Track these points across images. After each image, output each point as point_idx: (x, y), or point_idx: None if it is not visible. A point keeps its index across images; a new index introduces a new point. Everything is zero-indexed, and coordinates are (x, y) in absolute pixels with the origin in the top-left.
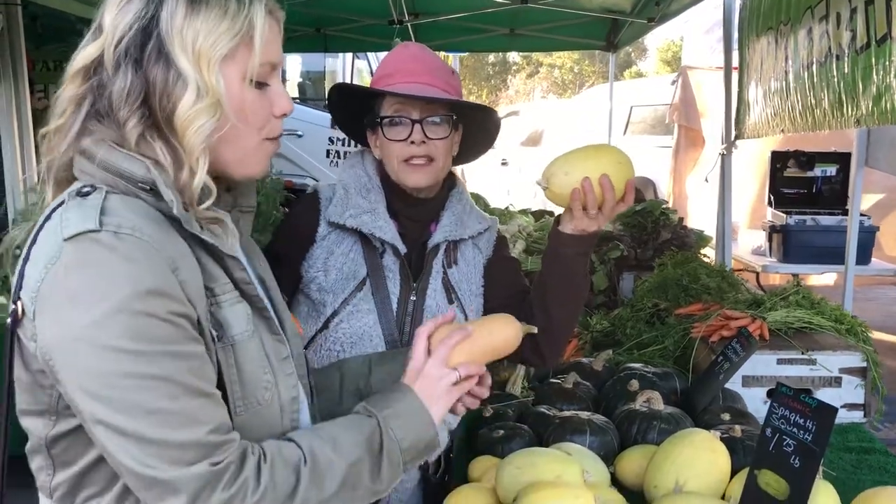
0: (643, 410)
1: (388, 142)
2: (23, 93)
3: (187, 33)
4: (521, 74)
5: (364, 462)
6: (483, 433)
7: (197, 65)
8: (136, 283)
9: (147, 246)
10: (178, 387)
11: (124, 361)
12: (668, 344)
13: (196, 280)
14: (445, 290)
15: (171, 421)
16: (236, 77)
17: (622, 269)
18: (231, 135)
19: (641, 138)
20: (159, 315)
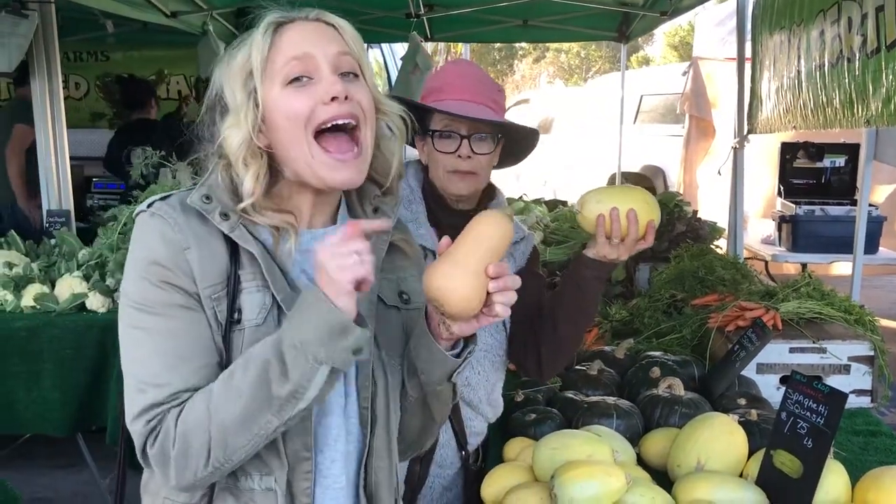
0: (665, 396)
1: (437, 153)
2: (57, 90)
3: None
4: (528, 59)
5: (270, 374)
6: (516, 416)
7: (232, 92)
8: (148, 252)
9: (166, 226)
10: (157, 342)
11: (128, 313)
12: (685, 333)
13: (213, 263)
14: None
15: (143, 371)
16: (272, 88)
17: (638, 261)
18: (284, 142)
19: (651, 127)
20: (154, 281)
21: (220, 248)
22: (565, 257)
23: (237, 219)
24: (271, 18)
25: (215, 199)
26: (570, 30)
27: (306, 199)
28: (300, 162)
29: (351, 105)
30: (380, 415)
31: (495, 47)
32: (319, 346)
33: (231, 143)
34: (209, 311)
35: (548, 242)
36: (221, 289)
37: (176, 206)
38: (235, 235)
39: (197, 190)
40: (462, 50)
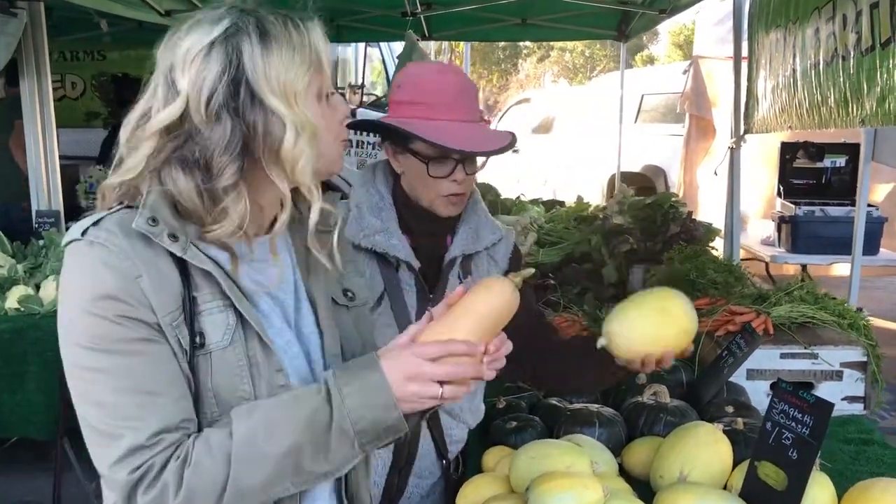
0: (650, 403)
1: (429, 178)
2: (46, 89)
3: (270, 73)
4: (532, 58)
5: (305, 446)
6: (496, 424)
7: (287, 102)
8: (94, 287)
9: (111, 255)
10: (122, 382)
11: (76, 354)
12: None
13: (166, 288)
14: None
15: (112, 414)
16: (315, 99)
17: (632, 263)
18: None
19: (653, 126)
20: (109, 317)
21: (170, 271)
22: (559, 258)
23: (186, 239)
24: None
25: (161, 221)
26: (570, 28)
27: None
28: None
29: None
30: None
31: (499, 46)
32: (371, 440)
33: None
34: (172, 339)
35: (541, 243)
36: (179, 314)
37: (115, 231)
38: (189, 256)
39: (140, 213)
40: (464, 48)
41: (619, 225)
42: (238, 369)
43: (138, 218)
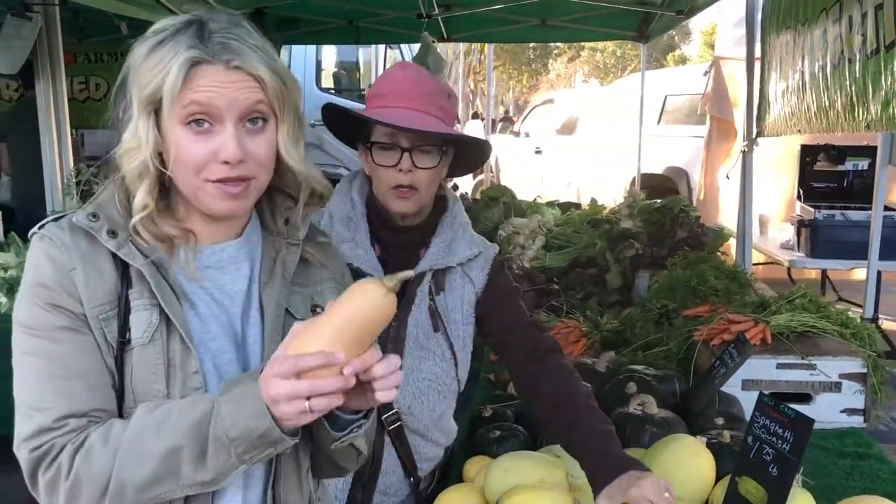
0: (636, 414)
1: (377, 166)
2: (60, 91)
3: (135, 79)
4: (563, 58)
5: (185, 449)
6: (480, 433)
7: (136, 107)
8: (35, 275)
9: (53, 247)
10: (42, 365)
11: (17, 337)
12: (672, 346)
13: (99, 283)
14: (431, 317)
15: (30, 395)
16: (172, 122)
17: (637, 268)
18: (176, 174)
19: (675, 128)
20: (41, 304)
21: (108, 267)
22: (565, 263)
23: (126, 236)
24: (190, 55)
25: (102, 217)
26: (589, 29)
27: (205, 215)
28: (188, 191)
29: (245, 167)
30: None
31: (529, 46)
32: (248, 450)
33: (130, 165)
34: (97, 332)
35: (549, 247)
36: (110, 309)
37: (65, 226)
38: (123, 253)
39: (84, 208)
40: (487, 49)
41: (626, 229)
42: (154, 367)
43: (80, 212)
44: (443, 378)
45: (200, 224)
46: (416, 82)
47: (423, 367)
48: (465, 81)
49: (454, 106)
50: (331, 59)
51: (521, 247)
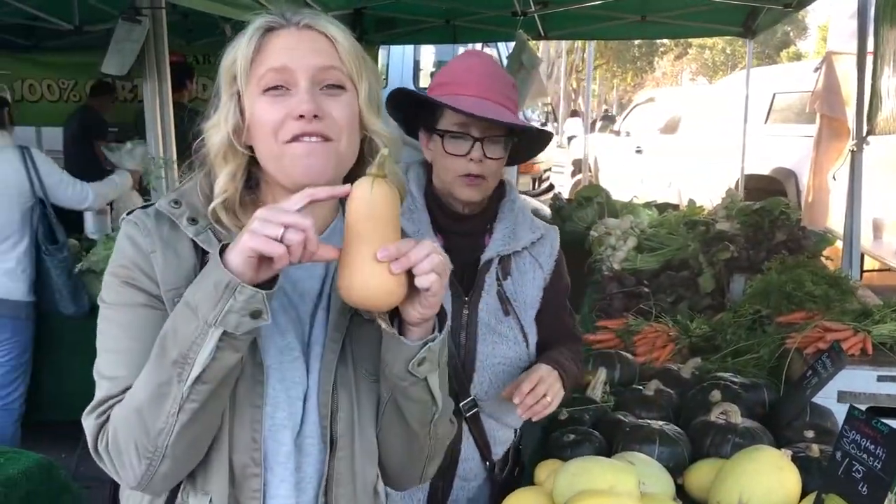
0: (719, 423)
1: (446, 154)
2: (165, 91)
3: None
4: (669, 56)
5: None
6: (554, 436)
7: (224, 91)
8: (119, 255)
9: (136, 230)
10: (115, 338)
11: (100, 311)
12: (763, 353)
13: (177, 266)
14: (501, 302)
15: (103, 363)
16: (251, 96)
17: (732, 271)
18: (258, 148)
19: (784, 127)
20: (119, 282)
21: (187, 253)
22: (657, 265)
23: (205, 224)
24: (259, 23)
25: (184, 205)
26: (693, 25)
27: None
28: (271, 162)
29: (322, 124)
30: (342, 436)
31: (634, 44)
32: (208, 305)
33: (211, 141)
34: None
35: (641, 248)
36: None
37: (150, 213)
38: (200, 239)
39: (167, 196)
40: (587, 47)
41: (723, 231)
42: None
43: (163, 199)
44: (516, 361)
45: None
46: (486, 72)
47: (496, 351)
48: (566, 80)
49: (517, 97)
50: (428, 58)
51: (611, 248)
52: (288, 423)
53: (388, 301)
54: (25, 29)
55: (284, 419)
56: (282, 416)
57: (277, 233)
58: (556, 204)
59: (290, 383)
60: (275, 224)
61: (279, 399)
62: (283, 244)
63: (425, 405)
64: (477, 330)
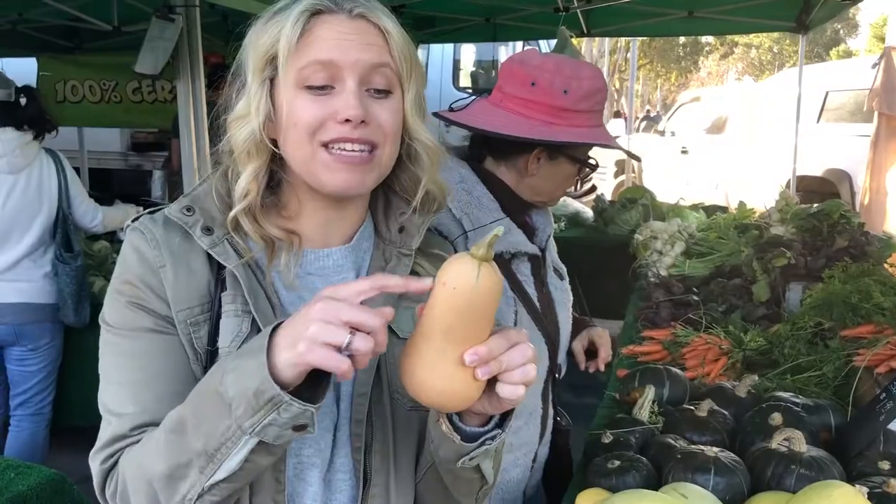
0: (781, 451)
1: (571, 180)
2: (199, 92)
3: (249, 49)
4: (715, 55)
5: (189, 418)
6: (597, 462)
7: (252, 76)
8: (123, 269)
9: (144, 242)
10: (122, 368)
11: (103, 335)
12: (826, 371)
13: (190, 283)
14: (555, 272)
15: (110, 397)
16: (287, 87)
17: (788, 279)
18: (288, 146)
19: (838, 126)
20: (124, 301)
21: (201, 266)
22: (706, 272)
23: (222, 234)
24: (306, 4)
25: (198, 211)
26: (743, 21)
27: (318, 211)
28: (300, 163)
29: (367, 130)
30: (377, 471)
31: (679, 42)
32: (245, 409)
33: (237, 134)
34: (184, 336)
35: (689, 254)
36: (200, 312)
37: (159, 220)
38: (216, 252)
39: (179, 201)
40: (631, 45)
41: (778, 236)
42: None
43: (174, 205)
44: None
45: (311, 223)
46: (599, 89)
47: (565, 315)
48: (609, 80)
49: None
50: (469, 57)
51: (658, 252)
52: (316, 459)
53: (462, 406)
54: (68, 30)
55: (312, 455)
56: (308, 452)
57: (343, 339)
58: (598, 206)
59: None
60: (338, 327)
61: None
62: (348, 353)
63: (473, 482)
64: (553, 305)
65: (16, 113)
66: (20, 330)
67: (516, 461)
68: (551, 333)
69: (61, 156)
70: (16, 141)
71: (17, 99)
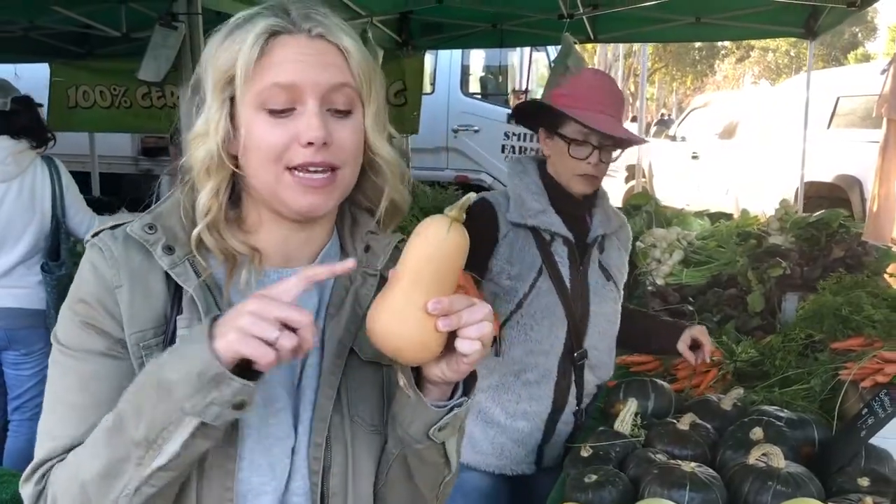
0: (759, 466)
1: (570, 157)
2: None
3: (208, 65)
4: (731, 59)
5: (127, 410)
6: (574, 476)
7: (210, 94)
8: (78, 287)
9: (101, 260)
10: (66, 388)
11: (53, 352)
12: (814, 384)
13: (146, 305)
14: (602, 270)
15: (50, 418)
16: (248, 107)
17: (785, 289)
18: (250, 167)
19: (849, 132)
20: (77, 321)
21: (159, 287)
22: (703, 281)
23: (183, 253)
24: (264, 26)
25: (160, 229)
26: (750, 27)
27: (279, 228)
28: (263, 184)
29: (330, 152)
30: (335, 494)
31: (695, 46)
32: (186, 391)
33: (195, 153)
34: (136, 359)
35: (687, 262)
36: (153, 336)
37: (119, 236)
38: (175, 273)
39: (141, 217)
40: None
41: (775, 245)
42: None
43: (136, 221)
44: (614, 318)
45: (272, 241)
46: (607, 89)
47: (602, 309)
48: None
49: (624, 108)
50: (478, 63)
51: (656, 261)
52: (268, 486)
53: (421, 357)
54: (79, 37)
55: (262, 484)
56: (258, 480)
57: (272, 335)
58: None
59: (274, 440)
60: (269, 322)
61: (258, 462)
62: (275, 348)
63: (438, 468)
64: (589, 292)
65: (9, 121)
66: (12, 335)
67: (525, 413)
68: (575, 314)
69: (59, 164)
70: (8, 149)
71: (12, 108)
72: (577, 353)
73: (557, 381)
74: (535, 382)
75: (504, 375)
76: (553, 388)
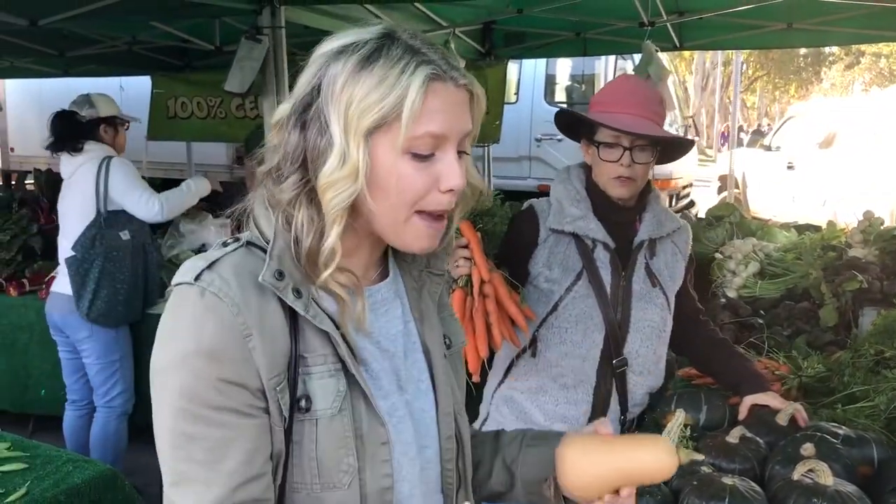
0: (805, 483)
1: (602, 161)
2: None
3: (342, 99)
4: (839, 66)
5: None
6: None
7: (345, 132)
8: (198, 341)
9: (223, 308)
10: (201, 451)
11: (169, 413)
12: (878, 401)
13: (277, 347)
14: (649, 276)
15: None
16: (388, 147)
17: (862, 304)
18: (380, 206)
19: None
20: (205, 378)
21: (280, 326)
22: (778, 294)
23: (308, 295)
24: (427, 71)
25: (287, 275)
26: (847, 32)
27: (370, 251)
28: (387, 222)
29: (458, 194)
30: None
31: (799, 53)
32: None
33: (336, 195)
34: (273, 403)
35: (763, 274)
36: (283, 377)
37: (230, 279)
38: (311, 315)
39: (268, 265)
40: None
41: (855, 258)
42: (343, 441)
43: (266, 270)
44: (661, 325)
45: (360, 262)
46: (635, 91)
47: (646, 315)
48: (722, 92)
49: (664, 110)
50: (564, 72)
51: (731, 273)
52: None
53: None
54: (178, 50)
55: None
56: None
57: None
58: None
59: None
60: None
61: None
62: None
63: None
64: (631, 298)
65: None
66: (64, 320)
67: (564, 417)
68: (613, 319)
69: (111, 162)
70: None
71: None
72: (617, 359)
73: (596, 386)
74: (573, 386)
75: (542, 378)
76: (592, 392)
